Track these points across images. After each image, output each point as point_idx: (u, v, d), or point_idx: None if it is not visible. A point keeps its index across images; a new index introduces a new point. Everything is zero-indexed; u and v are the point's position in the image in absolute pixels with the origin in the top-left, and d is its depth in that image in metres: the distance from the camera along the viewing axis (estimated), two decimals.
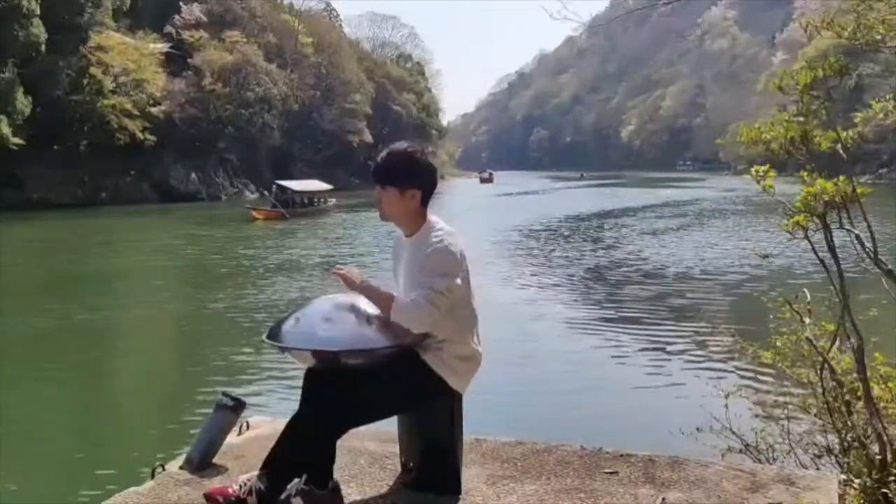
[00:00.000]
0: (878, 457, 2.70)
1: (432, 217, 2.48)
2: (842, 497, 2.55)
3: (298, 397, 2.35)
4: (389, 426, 2.64)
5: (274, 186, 34.21)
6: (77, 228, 27.27)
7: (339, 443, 2.30)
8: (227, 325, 10.23)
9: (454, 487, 2.50)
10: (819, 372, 3.03)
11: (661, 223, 26.11)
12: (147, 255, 20.06)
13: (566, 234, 23.33)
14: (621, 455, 2.80)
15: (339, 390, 2.26)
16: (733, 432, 3.46)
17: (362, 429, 2.51)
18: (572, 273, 14.60)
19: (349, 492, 2.47)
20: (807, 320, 3.07)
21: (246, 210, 32.05)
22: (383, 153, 2.46)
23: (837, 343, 2.99)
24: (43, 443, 5.96)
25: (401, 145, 2.46)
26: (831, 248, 2.79)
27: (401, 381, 2.36)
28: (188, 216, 32.37)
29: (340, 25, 79.98)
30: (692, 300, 11.25)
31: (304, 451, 2.25)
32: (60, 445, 5.99)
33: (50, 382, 7.72)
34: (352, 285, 2.39)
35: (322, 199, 35.88)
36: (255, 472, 2.34)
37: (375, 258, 17.11)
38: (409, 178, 2.41)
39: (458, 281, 2.33)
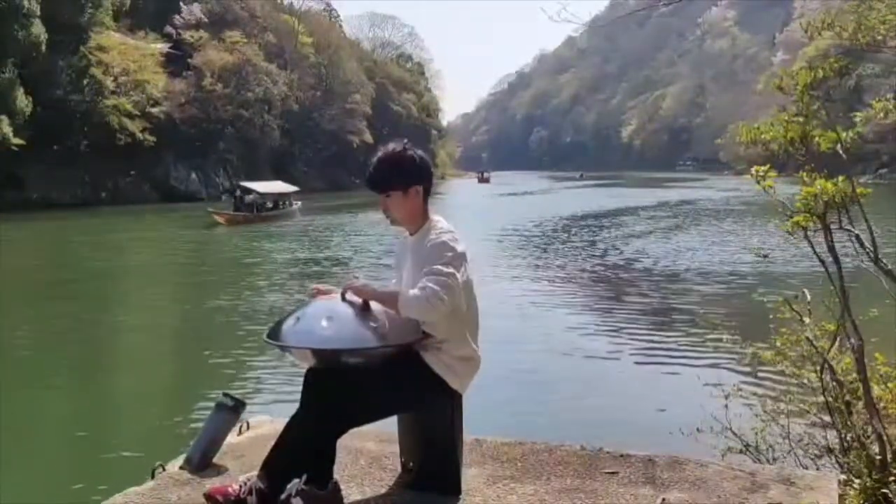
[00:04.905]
0: (878, 457, 2.70)
1: (435, 216, 2.49)
2: (842, 497, 2.54)
3: (298, 397, 2.35)
4: (389, 426, 2.64)
5: (237, 189, 32.55)
6: (76, 229, 27.29)
7: (339, 443, 2.30)
8: (227, 325, 10.22)
9: (454, 487, 2.49)
10: (819, 372, 3.03)
11: (660, 223, 26.10)
12: (144, 256, 20.08)
13: (565, 234, 23.31)
14: (621, 455, 2.80)
15: (340, 390, 2.26)
16: (733, 432, 3.46)
17: (362, 429, 2.51)
18: (572, 273, 14.59)
19: (349, 492, 2.47)
20: (807, 320, 3.07)
21: (209, 213, 29.79)
22: (373, 162, 2.45)
23: (837, 343, 2.99)
24: (43, 443, 5.96)
25: (387, 149, 2.45)
26: (831, 249, 2.79)
27: (401, 381, 2.35)
28: (186, 216, 32.29)
29: (340, 25, 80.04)
30: (692, 300, 11.24)
31: (304, 451, 2.25)
32: (60, 445, 5.99)
33: (50, 383, 7.72)
34: (363, 294, 2.35)
35: (287, 202, 34.15)
36: (255, 472, 2.34)
37: (357, 261, 17.10)
38: (409, 177, 2.42)
39: (460, 275, 2.29)
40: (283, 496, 2.18)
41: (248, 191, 32.15)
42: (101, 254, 20.09)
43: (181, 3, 51.32)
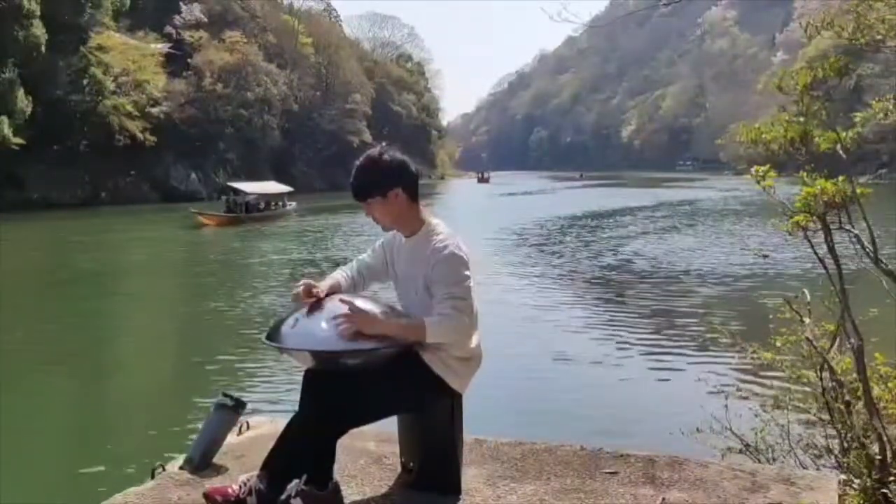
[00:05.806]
0: (878, 457, 2.70)
1: (432, 219, 2.48)
2: (842, 497, 2.54)
3: (298, 397, 2.35)
4: (389, 426, 2.64)
5: (230, 191, 32.02)
6: (76, 229, 27.28)
7: (339, 443, 2.30)
8: (227, 325, 10.23)
9: (454, 487, 2.49)
10: (819, 372, 3.03)
11: (660, 224, 26.11)
12: (143, 256, 20.07)
13: (564, 235, 23.32)
14: (621, 455, 2.80)
15: (339, 390, 2.26)
16: (733, 432, 3.46)
17: (362, 429, 2.51)
18: (572, 273, 14.59)
19: (349, 492, 2.47)
20: (807, 320, 3.07)
21: (193, 215, 29.02)
22: (353, 172, 2.44)
23: (837, 343, 2.99)
24: (43, 443, 5.96)
25: (364, 157, 2.44)
26: (831, 249, 2.79)
27: (401, 382, 2.35)
28: (185, 217, 32.22)
29: (340, 25, 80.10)
30: (692, 300, 11.24)
31: (304, 451, 2.25)
32: (61, 446, 5.99)
33: (50, 383, 7.73)
34: (377, 328, 2.29)
35: (281, 203, 33.30)
36: (255, 472, 2.34)
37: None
38: (385, 181, 2.40)
39: (472, 283, 2.34)
40: (283, 496, 2.17)
41: (238, 191, 31.67)
42: (101, 254, 20.09)
43: (181, 3, 51.32)
